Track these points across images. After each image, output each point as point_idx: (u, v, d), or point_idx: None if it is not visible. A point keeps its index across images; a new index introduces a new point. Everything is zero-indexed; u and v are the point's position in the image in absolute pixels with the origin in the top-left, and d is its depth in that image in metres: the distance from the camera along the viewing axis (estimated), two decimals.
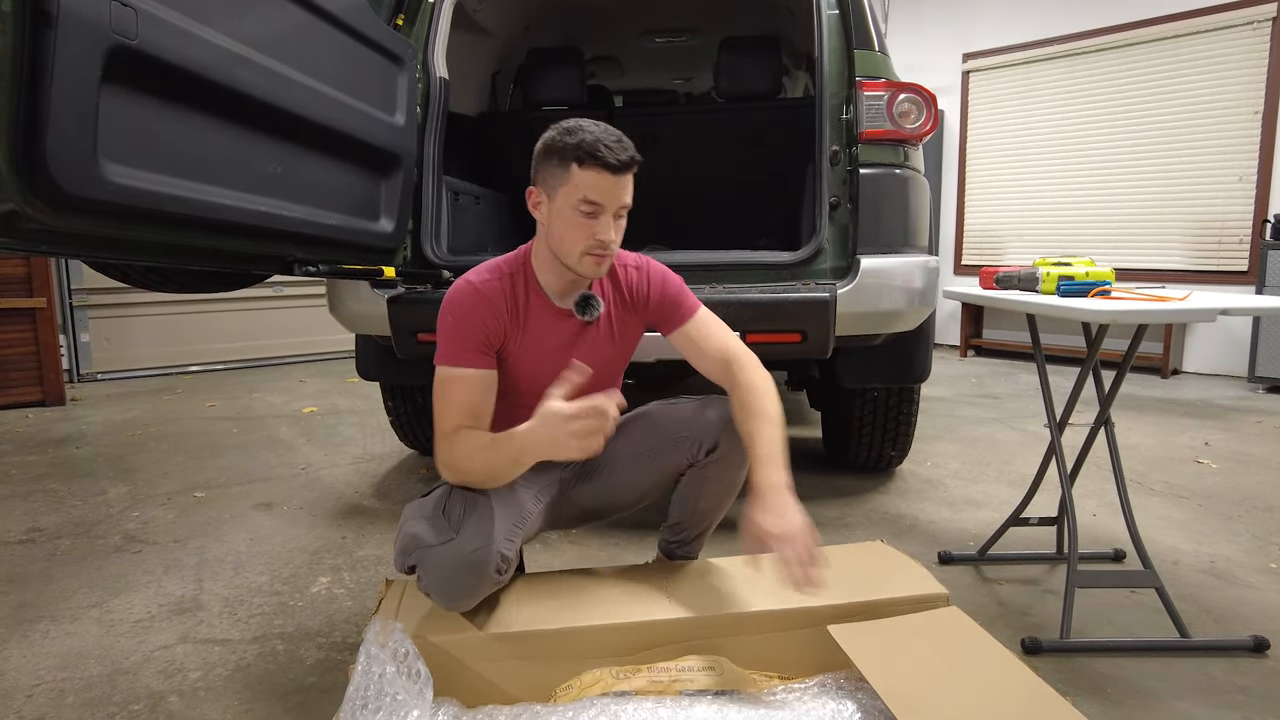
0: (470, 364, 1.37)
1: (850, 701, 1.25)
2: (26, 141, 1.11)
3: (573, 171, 1.31)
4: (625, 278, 1.52)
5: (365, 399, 4.31)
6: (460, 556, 1.26)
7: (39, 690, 1.47)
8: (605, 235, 1.33)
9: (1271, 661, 1.54)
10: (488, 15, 3.17)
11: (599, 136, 1.30)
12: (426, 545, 1.30)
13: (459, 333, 1.37)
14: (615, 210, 1.34)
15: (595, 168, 1.29)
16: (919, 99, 2.18)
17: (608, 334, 1.50)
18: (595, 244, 1.33)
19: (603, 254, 1.35)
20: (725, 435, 1.45)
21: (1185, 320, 1.43)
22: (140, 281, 1.93)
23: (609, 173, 1.30)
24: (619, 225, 1.37)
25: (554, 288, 1.44)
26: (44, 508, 2.54)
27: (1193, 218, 5.06)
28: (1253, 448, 3.21)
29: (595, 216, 1.33)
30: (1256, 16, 4.70)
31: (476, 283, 1.41)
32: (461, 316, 1.38)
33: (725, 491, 1.53)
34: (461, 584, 1.28)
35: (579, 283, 1.45)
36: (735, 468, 1.49)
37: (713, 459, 1.47)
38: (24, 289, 4.05)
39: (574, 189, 1.31)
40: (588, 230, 1.33)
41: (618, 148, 1.30)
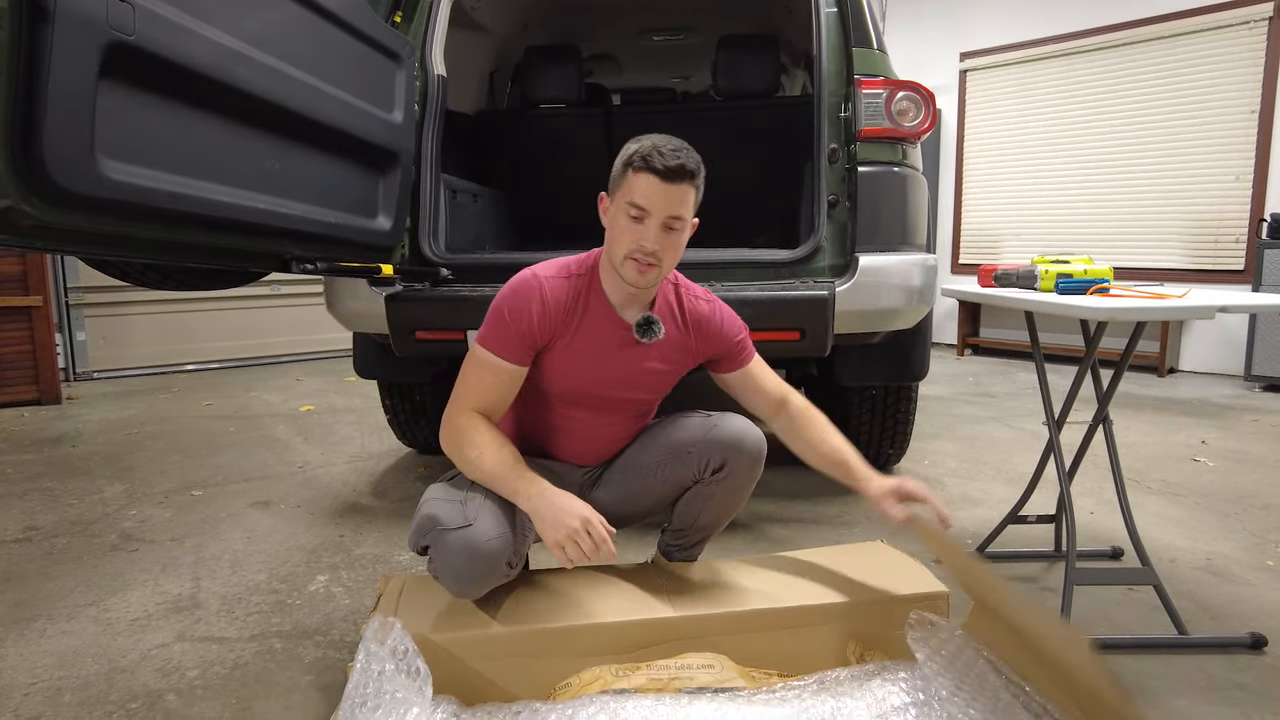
0: (507, 357, 1.38)
1: (849, 698, 1.25)
2: (23, 138, 1.11)
3: (628, 176, 1.34)
4: (692, 308, 1.52)
5: (362, 397, 4.30)
6: (475, 544, 1.26)
7: (36, 689, 1.47)
8: (647, 242, 1.33)
9: (1269, 658, 1.54)
10: (485, 13, 3.17)
11: (656, 144, 1.32)
12: (443, 528, 1.30)
13: (509, 324, 1.38)
14: (663, 219, 1.33)
15: (645, 173, 1.31)
16: (917, 97, 2.18)
17: (658, 356, 1.50)
18: (637, 249, 1.34)
19: (645, 262, 1.35)
20: (733, 455, 1.45)
21: (1184, 317, 1.43)
22: (138, 279, 1.92)
23: (657, 178, 1.30)
24: (670, 239, 1.36)
25: (615, 296, 1.44)
26: (40, 506, 2.53)
27: (1189, 216, 5.07)
28: (1249, 446, 3.22)
29: (641, 221, 1.33)
30: (1253, 16, 4.71)
31: (543, 279, 1.41)
32: (518, 308, 1.38)
33: (729, 508, 1.54)
34: (472, 572, 1.28)
35: (639, 296, 1.44)
36: (741, 487, 1.50)
37: (719, 478, 1.47)
38: (20, 287, 4.04)
39: (626, 193, 1.34)
40: (634, 235, 1.33)
41: (669, 155, 1.31)
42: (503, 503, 1.33)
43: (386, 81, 2.10)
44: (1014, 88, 5.84)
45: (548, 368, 1.44)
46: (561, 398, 1.49)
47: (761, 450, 1.48)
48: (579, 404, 1.50)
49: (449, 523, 1.30)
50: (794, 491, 2.59)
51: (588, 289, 1.44)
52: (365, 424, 3.70)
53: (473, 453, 1.34)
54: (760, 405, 1.55)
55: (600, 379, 1.47)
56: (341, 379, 4.97)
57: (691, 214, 1.38)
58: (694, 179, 1.34)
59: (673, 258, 1.39)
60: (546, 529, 1.26)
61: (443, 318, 2.14)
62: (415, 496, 2.57)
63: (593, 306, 1.44)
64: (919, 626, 1.36)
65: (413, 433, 2.99)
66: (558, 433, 1.54)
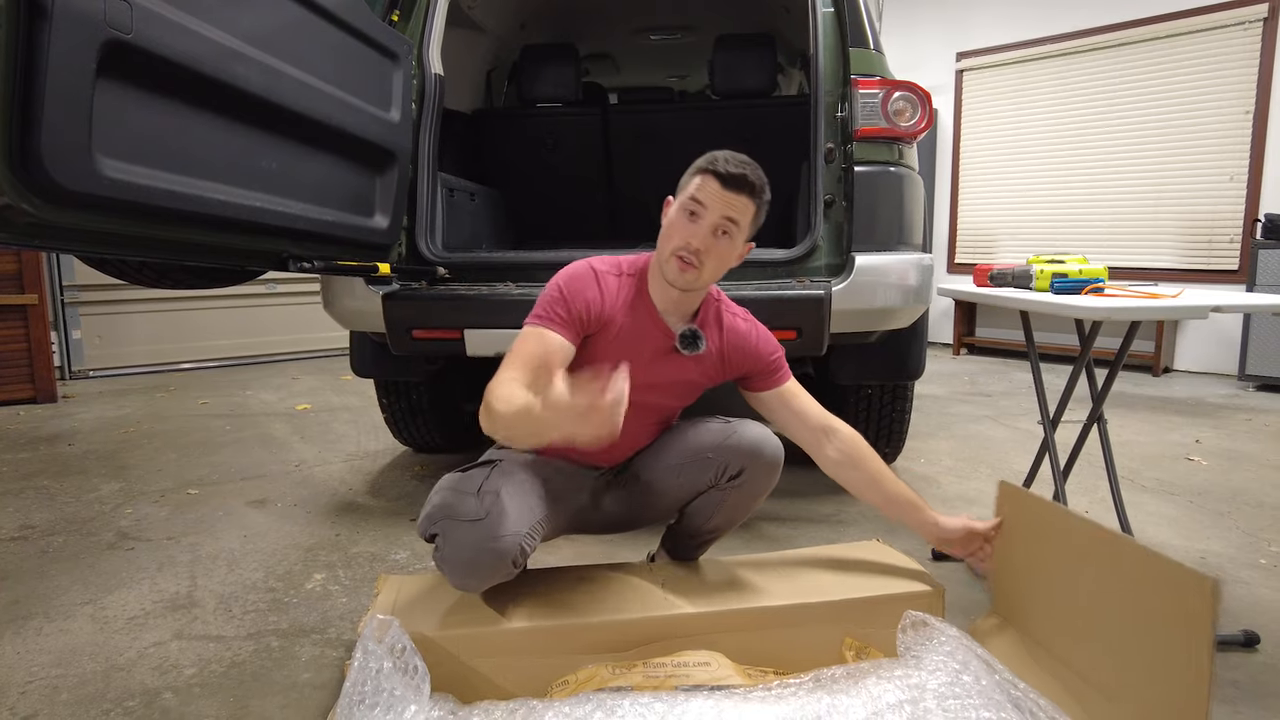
0: (557, 329, 1.38)
1: (844, 696, 1.25)
2: (21, 136, 1.11)
3: (693, 179, 1.39)
4: (731, 324, 1.54)
5: (359, 396, 4.30)
6: (484, 539, 1.27)
7: (32, 687, 1.47)
8: (695, 239, 1.36)
9: (1262, 656, 1.55)
10: (482, 12, 3.17)
11: (725, 154, 1.37)
12: (454, 519, 1.30)
13: (562, 299, 1.39)
14: (716, 220, 1.36)
15: (708, 175, 1.36)
16: (914, 97, 2.18)
17: (694, 368, 1.51)
18: (684, 245, 1.36)
19: (689, 259, 1.37)
20: (751, 463, 1.46)
21: (1178, 317, 1.44)
22: (134, 277, 1.92)
23: (718, 182, 1.35)
24: (719, 244, 1.38)
25: (661, 301, 1.46)
26: (36, 505, 2.52)
27: (1184, 217, 5.09)
28: (1243, 445, 3.23)
29: (695, 219, 1.36)
30: (1248, 17, 4.73)
31: (598, 268, 1.45)
32: (574, 288, 1.41)
33: (739, 514, 1.55)
34: (477, 566, 1.29)
35: (685, 305, 1.47)
36: (756, 495, 1.51)
37: (734, 484, 1.48)
38: (15, 285, 4.03)
39: (688, 190, 1.38)
40: (686, 232, 1.36)
41: (735, 163, 1.36)
42: (518, 501, 1.34)
43: (384, 80, 2.10)
44: (1010, 88, 5.85)
45: (584, 360, 1.44)
46: None
47: (779, 459, 1.49)
48: None
49: (462, 514, 1.30)
50: (790, 490, 2.59)
51: (636, 289, 1.47)
52: (362, 423, 3.70)
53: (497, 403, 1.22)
54: (800, 432, 1.54)
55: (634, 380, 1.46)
56: (338, 377, 4.96)
57: (748, 229, 1.41)
58: (754, 194, 1.38)
59: (715, 266, 1.40)
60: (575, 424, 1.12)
61: (440, 316, 2.14)
62: (411, 495, 2.58)
63: (639, 307, 1.46)
64: (914, 625, 1.37)
65: (409, 431, 2.98)
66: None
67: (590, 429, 1.11)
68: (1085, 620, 1.23)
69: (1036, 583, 1.35)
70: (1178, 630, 1.05)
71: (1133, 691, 1.13)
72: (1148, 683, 1.11)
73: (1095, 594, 1.20)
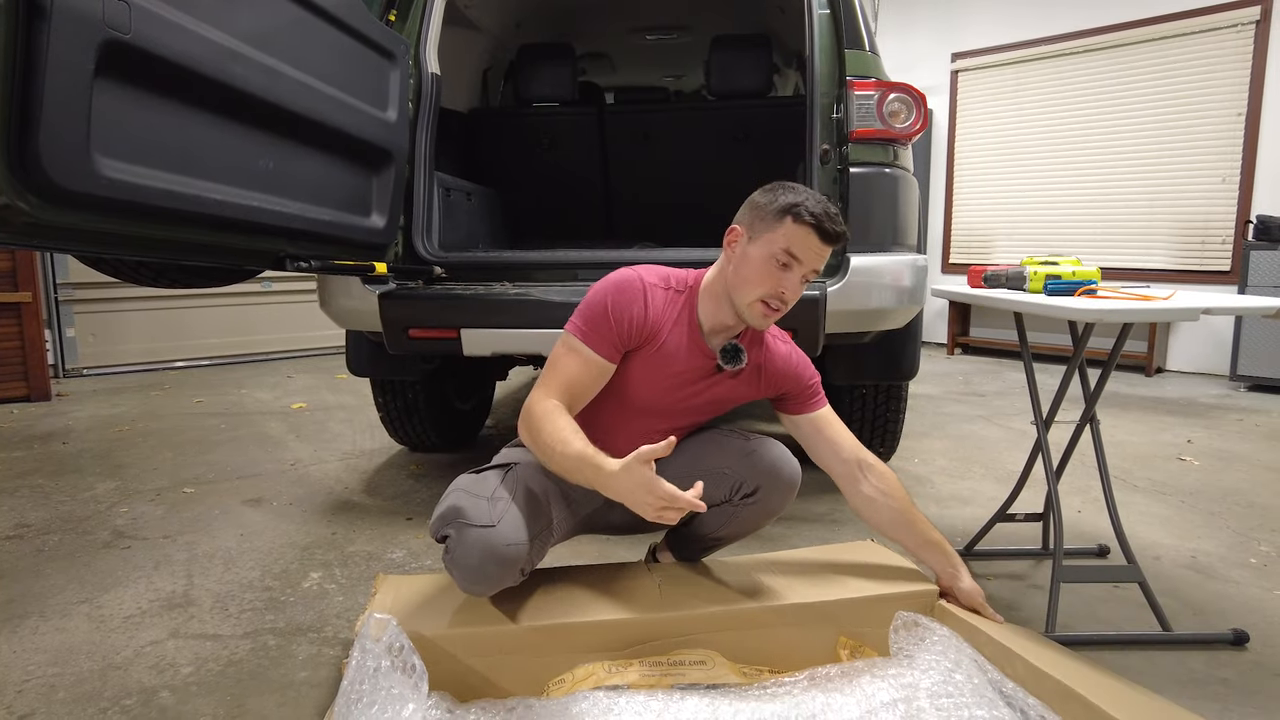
0: (600, 351, 1.38)
1: (839, 694, 1.27)
2: (19, 136, 1.11)
3: (785, 223, 1.35)
4: (772, 345, 1.54)
5: (354, 395, 4.30)
6: (494, 546, 1.27)
7: (29, 685, 1.47)
8: (789, 291, 1.36)
9: (1251, 654, 1.57)
10: (479, 11, 3.17)
11: (821, 203, 1.36)
12: (466, 523, 1.30)
13: (610, 318, 1.38)
14: (806, 273, 1.37)
15: (809, 229, 1.34)
16: (909, 99, 2.20)
17: (730, 385, 1.51)
18: (775, 295, 1.36)
19: (778, 308, 1.38)
20: (767, 482, 1.47)
21: (1170, 319, 1.45)
22: (131, 276, 1.92)
23: (819, 238, 1.34)
24: (802, 288, 1.40)
25: (708, 322, 1.46)
26: (31, 503, 2.52)
27: (1177, 218, 5.12)
28: (1234, 445, 3.25)
29: (788, 269, 1.36)
30: (1241, 19, 4.75)
31: (649, 283, 1.43)
32: (620, 304, 1.39)
33: (748, 529, 1.56)
34: (486, 572, 1.29)
35: (730, 329, 1.47)
36: (767, 514, 1.52)
37: (748, 502, 1.48)
38: (9, 283, 4.02)
39: (779, 237, 1.35)
40: (775, 280, 1.36)
41: (834, 219, 1.35)
42: (530, 509, 1.35)
43: (381, 80, 2.10)
44: (1005, 89, 5.87)
45: (621, 374, 1.44)
46: (624, 403, 1.48)
47: (796, 481, 1.50)
48: (642, 414, 1.50)
49: (474, 519, 1.30)
50: None
51: (685, 307, 1.46)
52: (357, 421, 3.70)
53: (552, 440, 1.29)
54: (833, 463, 1.54)
55: (668, 395, 1.48)
56: (333, 376, 4.96)
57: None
58: (845, 242, 1.40)
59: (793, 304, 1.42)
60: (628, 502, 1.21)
61: (436, 316, 2.14)
62: (408, 494, 2.59)
63: (684, 326, 1.45)
64: (907, 624, 1.38)
65: (405, 430, 2.99)
66: (611, 434, 1.51)
67: (649, 512, 1.18)
68: None
69: None
70: None
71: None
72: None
73: None
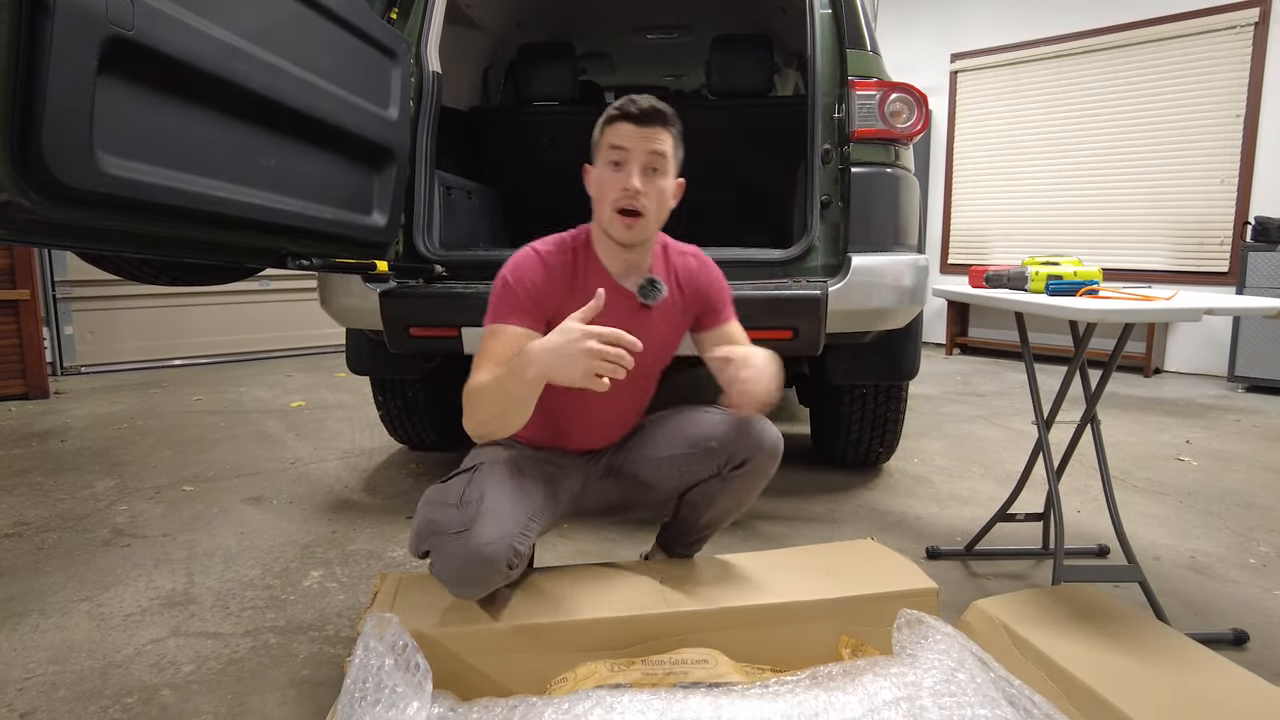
0: (516, 321, 1.38)
1: (841, 693, 1.27)
2: (22, 133, 1.11)
3: (604, 131, 1.38)
4: (684, 265, 1.54)
5: (354, 393, 4.29)
6: (474, 549, 1.27)
7: (30, 683, 1.47)
8: (630, 183, 1.35)
9: (1251, 654, 1.57)
10: (480, 10, 3.17)
11: (628, 97, 1.37)
12: (442, 534, 1.30)
13: (513, 292, 1.39)
14: (643, 161, 1.36)
15: (620, 121, 1.36)
16: (910, 99, 2.20)
17: (661, 318, 1.51)
18: (622, 194, 1.35)
19: (630, 209, 1.36)
20: (755, 451, 1.47)
21: (1172, 319, 1.45)
22: (133, 274, 1.92)
23: (631, 124, 1.35)
24: (653, 181, 1.38)
25: (613, 265, 1.46)
26: (30, 501, 2.51)
27: (1175, 219, 5.13)
28: (1232, 446, 3.26)
29: (621, 166, 1.36)
30: (1239, 21, 4.76)
31: (541, 251, 1.44)
32: (520, 276, 1.40)
33: (738, 504, 1.56)
34: (473, 575, 1.29)
35: (637, 263, 1.47)
36: (755, 484, 1.52)
37: (738, 473, 1.49)
38: (7, 281, 4.00)
39: (603, 143, 1.38)
40: (616, 181, 1.36)
41: (641, 100, 1.35)
42: (501, 505, 1.33)
43: (382, 78, 2.10)
44: (1004, 89, 5.88)
45: None
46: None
47: (780, 446, 1.50)
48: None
49: (447, 527, 1.30)
50: (785, 489, 2.61)
51: (585, 261, 1.46)
52: (357, 420, 3.69)
53: (480, 394, 1.31)
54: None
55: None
56: (332, 375, 4.95)
57: (674, 161, 1.40)
58: (668, 124, 1.38)
59: (657, 207, 1.40)
60: (566, 375, 1.21)
61: (437, 314, 2.14)
62: (408, 493, 2.59)
63: (592, 278, 1.45)
64: (909, 623, 1.38)
65: (405, 429, 2.98)
66: (572, 415, 1.53)
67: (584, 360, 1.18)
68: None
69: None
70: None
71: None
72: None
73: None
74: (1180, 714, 1.13)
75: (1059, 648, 1.30)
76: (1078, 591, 1.51)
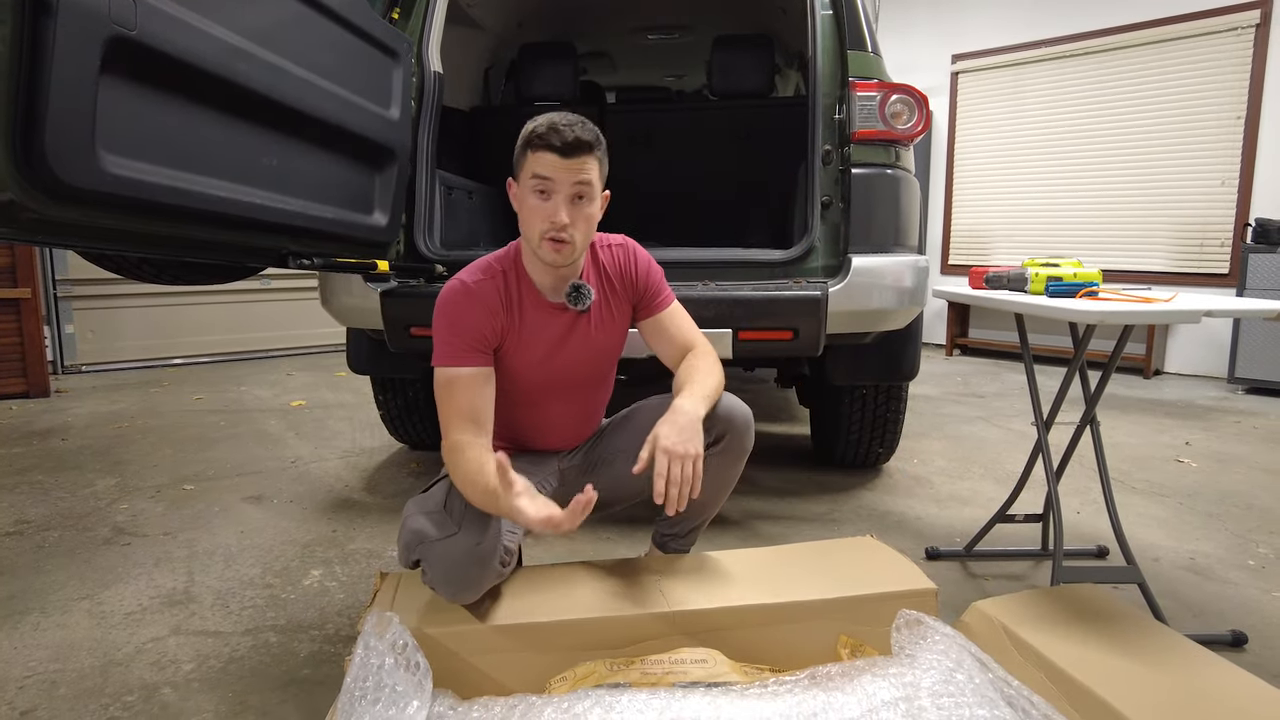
0: (467, 362, 1.37)
1: (840, 693, 1.27)
2: (25, 132, 1.11)
3: (528, 156, 1.34)
4: (610, 258, 1.53)
5: (354, 393, 4.30)
6: (463, 551, 1.27)
7: (30, 681, 1.47)
8: (558, 217, 1.33)
9: (1250, 655, 1.57)
10: (481, 10, 3.17)
11: (553, 121, 1.32)
12: (430, 540, 1.31)
13: (454, 332, 1.38)
14: (569, 192, 1.34)
15: (544, 151, 1.32)
16: (911, 100, 2.20)
17: (599, 321, 1.52)
18: (549, 226, 1.34)
19: (559, 239, 1.35)
20: (728, 426, 1.48)
21: (1172, 321, 1.46)
22: (134, 273, 1.92)
23: (555, 154, 1.31)
24: (579, 209, 1.36)
25: (544, 283, 1.46)
26: (31, 500, 2.52)
27: (1176, 220, 5.13)
28: (1232, 447, 3.26)
29: (547, 196, 1.34)
30: (1240, 23, 4.76)
31: (470, 282, 1.41)
32: (456, 316, 1.38)
33: (723, 484, 1.56)
34: (465, 577, 1.29)
35: (566, 274, 1.46)
36: (735, 460, 1.52)
37: (717, 450, 1.49)
38: (8, 279, 4.01)
39: (527, 169, 1.34)
40: (542, 212, 1.34)
41: (565, 129, 1.31)
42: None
43: (384, 78, 2.10)
44: (1005, 90, 5.88)
45: (503, 370, 1.45)
46: (526, 393, 1.50)
47: (751, 418, 1.51)
48: (546, 393, 1.52)
49: (435, 534, 1.31)
50: (784, 490, 2.61)
51: (516, 282, 1.45)
52: (357, 419, 3.70)
53: (461, 482, 1.32)
54: (669, 354, 1.55)
55: (558, 365, 1.49)
56: (332, 374, 4.95)
57: (600, 181, 1.39)
58: (593, 150, 1.35)
59: (585, 230, 1.38)
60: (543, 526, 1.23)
61: None
62: (408, 492, 2.59)
63: (526, 299, 1.45)
64: (908, 623, 1.39)
65: (405, 428, 2.99)
66: (534, 425, 1.57)
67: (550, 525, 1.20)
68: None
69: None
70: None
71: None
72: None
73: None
74: (1179, 715, 1.13)
75: (1058, 649, 1.30)
76: (1077, 592, 1.51)
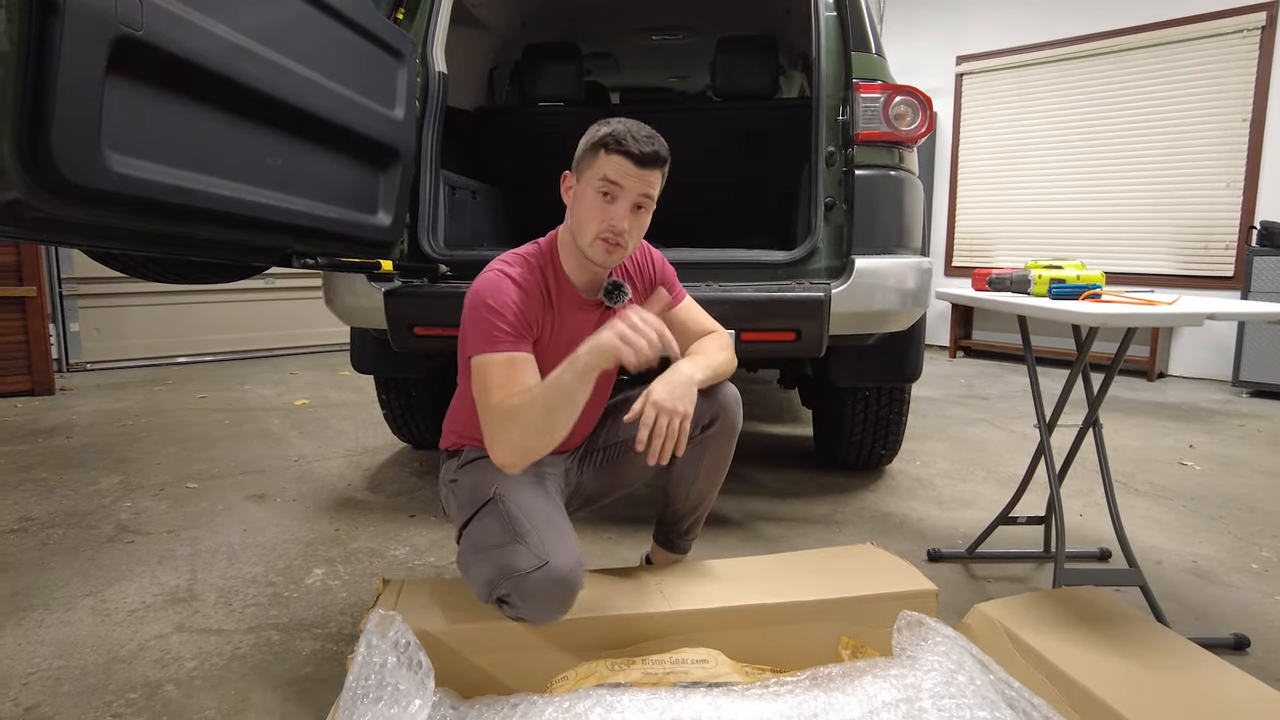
0: (512, 347, 1.35)
1: (840, 694, 1.27)
2: (31, 131, 1.12)
3: (600, 156, 1.36)
4: (630, 259, 1.56)
5: (357, 392, 4.31)
6: (561, 577, 1.26)
7: (34, 678, 1.48)
8: (618, 221, 1.36)
9: (1252, 659, 1.57)
10: (486, 10, 3.17)
11: (630, 129, 1.35)
12: (521, 574, 1.27)
13: (499, 319, 1.35)
14: (634, 200, 1.37)
15: (619, 155, 1.34)
16: (915, 101, 2.20)
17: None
18: (608, 229, 1.36)
19: (614, 242, 1.37)
20: (718, 409, 1.50)
21: (1174, 324, 1.45)
22: (139, 271, 1.93)
23: (632, 162, 1.34)
24: (636, 219, 1.39)
25: (580, 279, 1.47)
26: (35, 497, 2.53)
27: (1181, 223, 5.12)
28: (1236, 450, 3.26)
29: (613, 200, 1.36)
30: (1246, 25, 4.75)
31: (512, 273, 1.41)
32: (504, 303, 1.36)
33: (718, 467, 1.57)
34: (562, 601, 1.29)
35: (601, 273, 1.48)
36: (728, 439, 1.54)
37: (709, 433, 1.51)
38: (13, 278, 4.03)
39: (597, 170, 1.36)
40: (603, 214, 1.36)
41: (644, 140, 1.34)
42: (556, 526, 1.35)
43: (388, 78, 2.10)
44: (1009, 92, 5.87)
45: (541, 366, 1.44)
46: None
47: (738, 396, 1.54)
48: None
49: (524, 566, 1.27)
50: (786, 491, 2.61)
51: (554, 277, 1.46)
52: (360, 419, 3.70)
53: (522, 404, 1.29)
54: (687, 343, 1.55)
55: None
56: (335, 373, 4.96)
57: (657, 196, 1.42)
58: (664, 165, 1.39)
59: (637, 238, 1.42)
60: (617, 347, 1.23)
61: (441, 314, 2.15)
62: (410, 491, 2.59)
63: (564, 294, 1.46)
64: (909, 624, 1.39)
65: (408, 428, 2.99)
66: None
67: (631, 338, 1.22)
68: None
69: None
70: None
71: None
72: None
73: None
74: (1180, 718, 1.13)
75: (1059, 651, 1.30)
76: (1079, 595, 1.51)
